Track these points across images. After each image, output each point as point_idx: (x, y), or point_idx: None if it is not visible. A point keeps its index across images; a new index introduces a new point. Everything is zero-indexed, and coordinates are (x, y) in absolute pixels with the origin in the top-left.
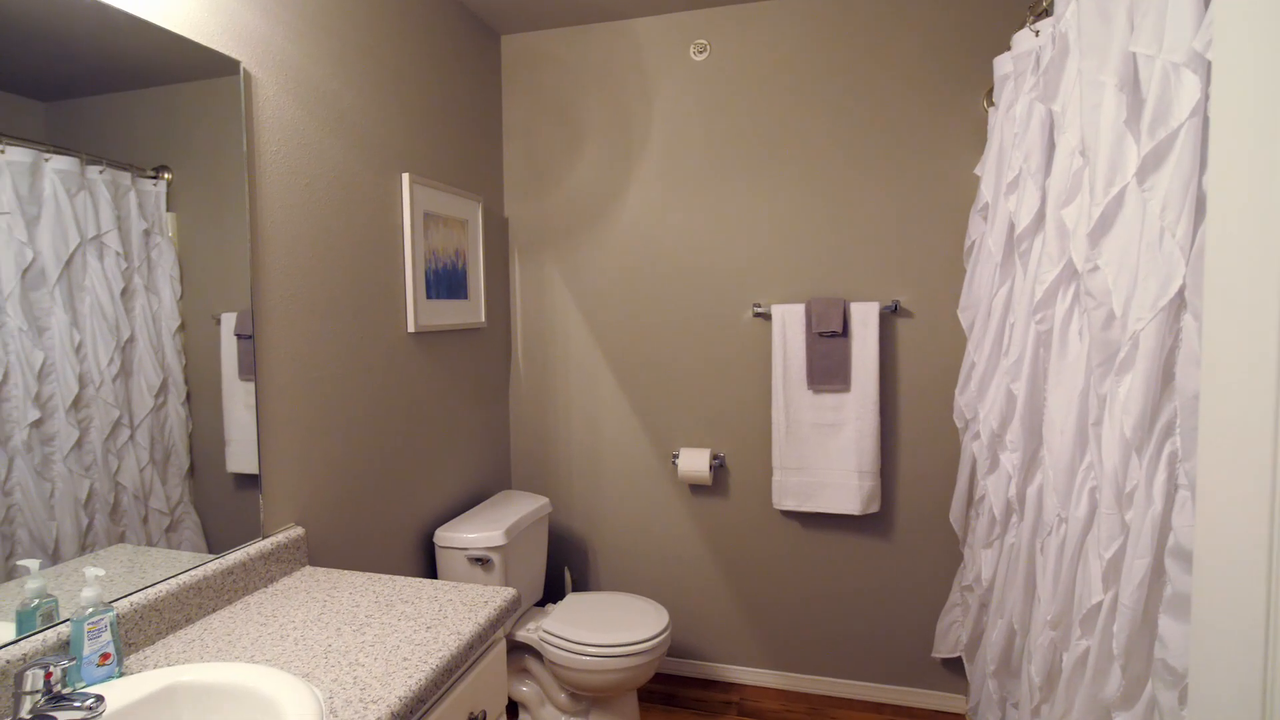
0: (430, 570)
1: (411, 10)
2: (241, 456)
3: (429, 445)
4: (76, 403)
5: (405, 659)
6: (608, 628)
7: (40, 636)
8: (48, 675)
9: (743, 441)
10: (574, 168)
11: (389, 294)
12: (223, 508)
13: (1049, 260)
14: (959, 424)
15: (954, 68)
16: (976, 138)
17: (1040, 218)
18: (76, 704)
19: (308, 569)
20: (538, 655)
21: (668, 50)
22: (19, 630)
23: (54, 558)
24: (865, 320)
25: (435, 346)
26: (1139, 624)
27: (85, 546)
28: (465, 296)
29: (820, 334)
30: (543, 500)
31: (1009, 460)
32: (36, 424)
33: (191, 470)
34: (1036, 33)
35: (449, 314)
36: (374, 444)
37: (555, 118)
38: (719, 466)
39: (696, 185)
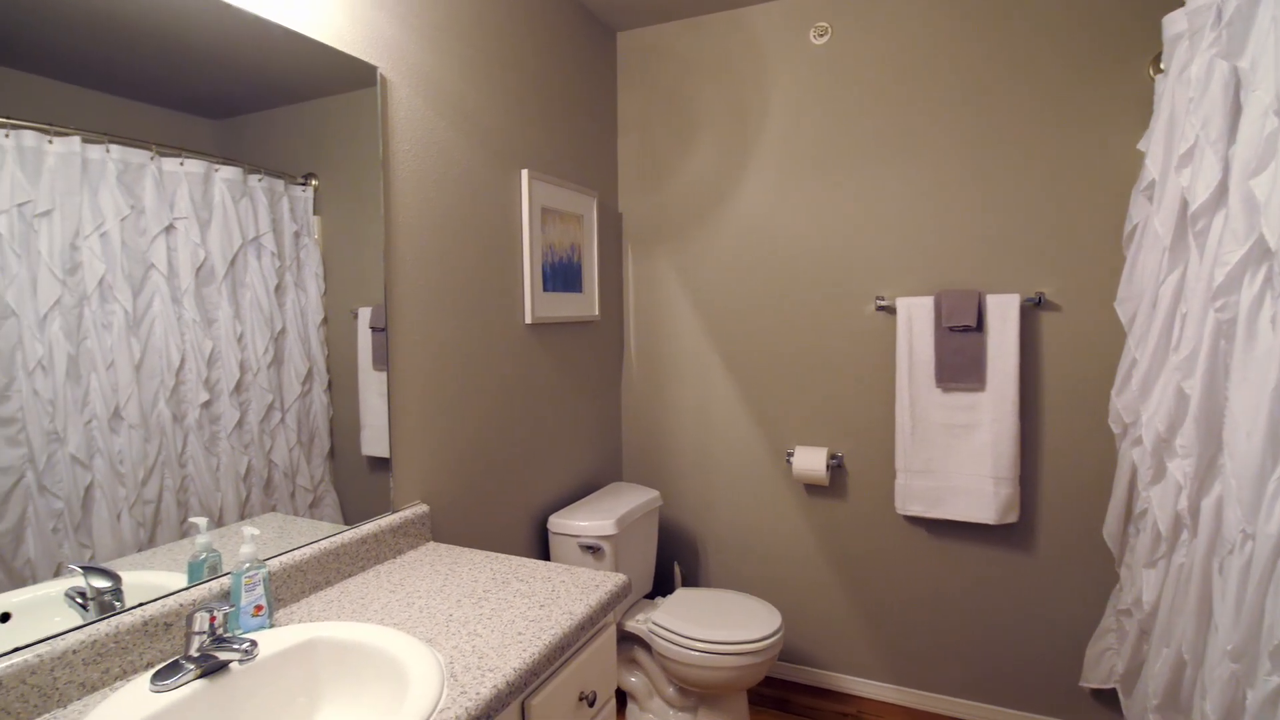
0: (543, 554)
1: (533, 11)
2: (374, 440)
3: (543, 434)
4: (238, 387)
5: (520, 633)
6: (718, 624)
7: (206, 586)
8: (212, 619)
9: (862, 441)
10: (688, 161)
11: (508, 287)
12: (357, 487)
13: (1233, 239)
14: (1115, 428)
15: (1111, 32)
16: (1138, 110)
17: (1222, 191)
18: (235, 646)
19: (431, 544)
20: (646, 647)
21: (786, 36)
22: (189, 579)
23: (218, 523)
24: (1003, 314)
25: (551, 338)
26: None
27: (244, 515)
28: (580, 290)
29: (951, 328)
30: (653, 493)
31: (1179, 468)
32: (206, 405)
33: (331, 452)
34: None
35: (564, 307)
36: (493, 430)
37: (670, 111)
38: (836, 466)
39: (815, 174)
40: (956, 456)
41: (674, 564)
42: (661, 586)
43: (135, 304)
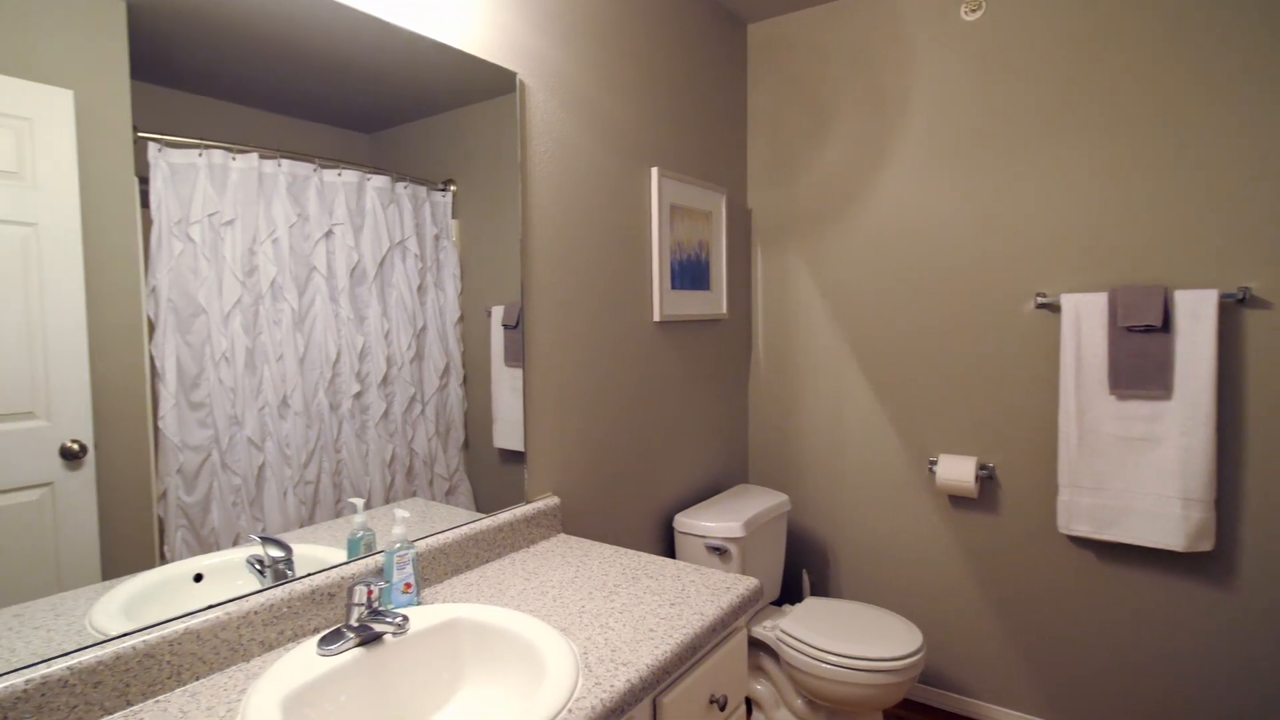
0: (667, 552)
1: (663, 8)
2: (506, 434)
3: (670, 432)
4: (385, 380)
5: (651, 630)
6: (852, 638)
7: (362, 562)
8: (370, 593)
9: (1017, 451)
10: (822, 153)
11: (636, 285)
12: (489, 478)
13: None
14: None
15: None
16: None
17: None
18: (389, 620)
19: (561, 536)
20: (774, 655)
21: (933, 14)
22: (348, 555)
23: (367, 506)
24: (1197, 312)
25: (678, 336)
26: None
27: (388, 499)
28: (708, 288)
29: (1129, 328)
30: (782, 497)
31: None
32: (357, 396)
33: (466, 444)
34: None
35: (692, 305)
36: (621, 426)
37: (802, 102)
38: (987, 477)
39: (965, 161)
40: (1134, 473)
41: (802, 571)
42: (789, 594)
43: (300, 302)
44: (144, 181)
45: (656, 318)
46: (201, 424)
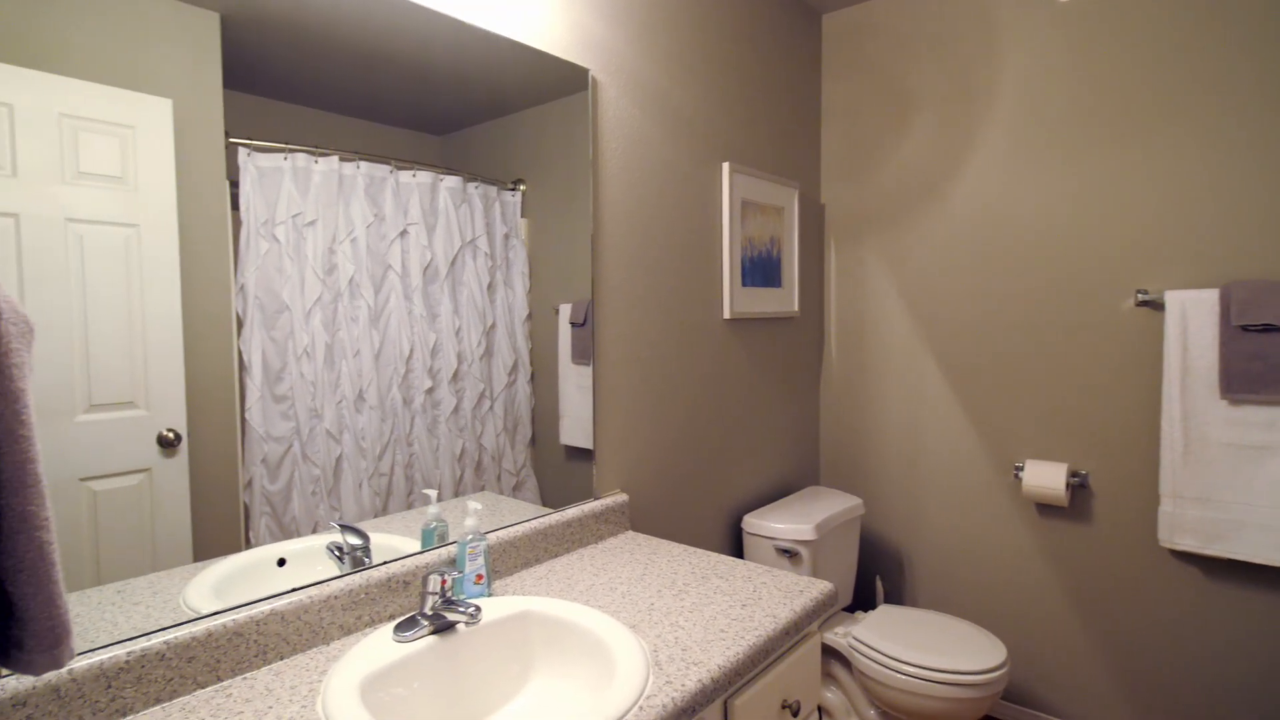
0: (735, 554)
1: (735, 0)
2: (572, 430)
3: (739, 431)
4: (455, 376)
5: (722, 630)
6: (930, 649)
7: (436, 552)
8: (443, 582)
9: (1113, 458)
10: (900, 145)
11: (707, 281)
12: (555, 475)
13: None
14: None
15: None
16: None
17: None
18: (461, 609)
19: (630, 533)
20: (845, 663)
21: None
22: (422, 545)
23: (438, 499)
24: None
25: (748, 334)
26: None
27: (458, 493)
28: (779, 285)
29: (1245, 328)
30: (855, 500)
31: None
32: (429, 391)
33: (533, 440)
34: None
35: (762, 302)
36: (689, 424)
37: (880, 94)
38: (1079, 485)
39: (1057, 150)
40: (1251, 485)
41: (875, 578)
42: (861, 601)
43: (376, 300)
44: (233, 185)
45: (726, 315)
46: (284, 416)
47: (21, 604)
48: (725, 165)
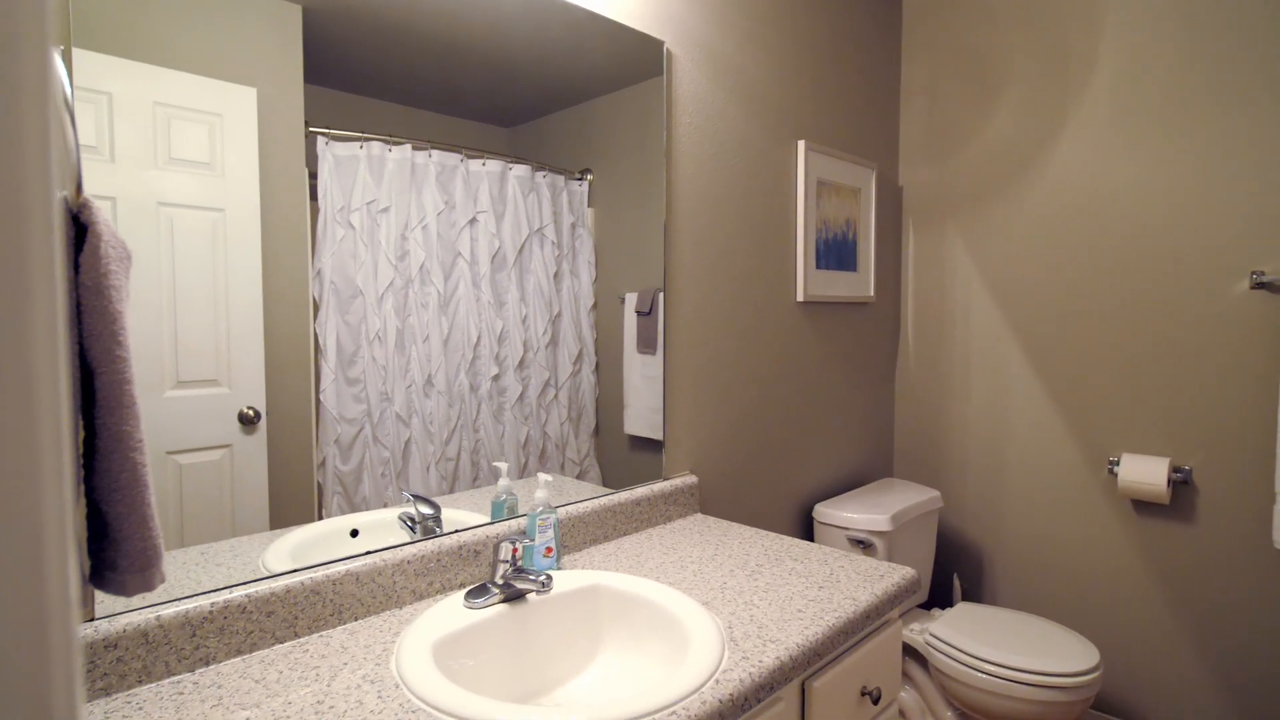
0: None
1: None
2: (636, 421)
3: (811, 419)
4: (521, 364)
5: (799, 610)
6: (1014, 648)
7: (505, 524)
8: (514, 550)
9: (1222, 453)
10: (986, 123)
11: (780, 263)
12: (619, 465)
13: None
14: None
15: None
16: None
17: None
18: (532, 578)
19: (699, 515)
20: (921, 661)
21: None
22: (492, 517)
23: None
24: None
25: (822, 319)
26: None
27: (523, 479)
28: (854, 269)
29: None
30: (933, 493)
31: None
32: (495, 378)
33: (596, 430)
34: None
35: (837, 286)
36: (761, 410)
37: (964, 69)
38: (1181, 481)
39: (1162, 123)
40: None
41: (953, 575)
42: (937, 599)
43: (445, 286)
44: (311, 177)
45: (800, 298)
46: (356, 399)
47: (116, 524)
48: (801, 144)
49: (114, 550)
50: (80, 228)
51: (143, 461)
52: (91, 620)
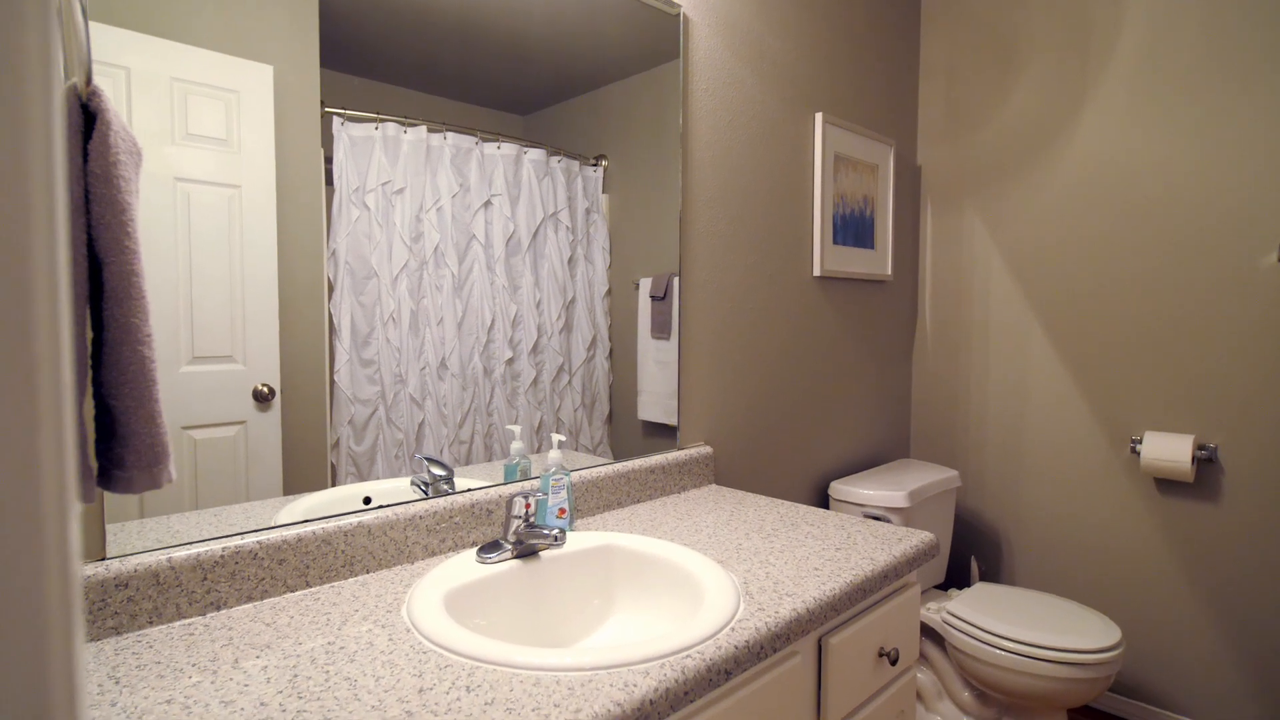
0: None
1: None
2: (650, 406)
3: (826, 396)
4: (534, 349)
5: (816, 569)
6: (1037, 626)
7: (518, 485)
8: (528, 505)
9: (1246, 430)
10: (1006, 101)
11: (796, 236)
12: (633, 451)
13: None
14: None
15: None
16: None
17: None
18: (545, 533)
19: (713, 486)
20: (938, 641)
21: None
22: (505, 479)
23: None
24: None
25: (838, 295)
26: None
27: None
28: (871, 246)
29: None
30: (951, 473)
31: None
32: (509, 362)
33: (610, 416)
34: None
35: (854, 262)
36: (776, 385)
37: (984, 47)
38: (1206, 459)
39: (1186, 97)
40: None
41: (970, 557)
42: (954, 580)
43: (460, 269)
44: (327, 161)
45: (816, 272)
46: (370, 380)
47: (124, 419)
48: (818, 116)
49: (121, 447)
50: (89, 116)
51: (150, 356)
52: (103, 559)
